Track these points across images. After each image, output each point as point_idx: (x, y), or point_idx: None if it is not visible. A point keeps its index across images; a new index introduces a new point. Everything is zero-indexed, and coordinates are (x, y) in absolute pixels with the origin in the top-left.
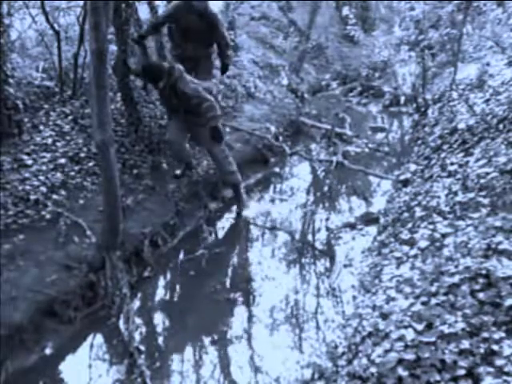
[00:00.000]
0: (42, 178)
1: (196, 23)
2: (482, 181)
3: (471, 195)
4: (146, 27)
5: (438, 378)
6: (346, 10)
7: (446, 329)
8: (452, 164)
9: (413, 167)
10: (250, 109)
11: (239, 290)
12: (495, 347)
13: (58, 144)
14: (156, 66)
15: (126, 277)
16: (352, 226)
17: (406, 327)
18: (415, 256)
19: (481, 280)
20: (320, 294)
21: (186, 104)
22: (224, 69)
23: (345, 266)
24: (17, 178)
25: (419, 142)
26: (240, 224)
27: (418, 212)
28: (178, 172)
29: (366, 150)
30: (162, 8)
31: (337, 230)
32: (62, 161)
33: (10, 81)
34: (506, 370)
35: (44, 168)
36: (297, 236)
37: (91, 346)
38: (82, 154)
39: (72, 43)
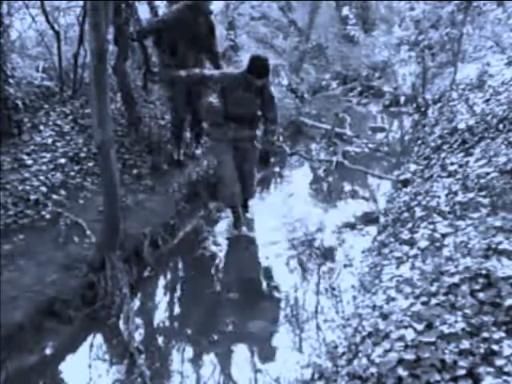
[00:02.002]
0: (42, 177)
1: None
2: (482, 181)
3: (471, 195)
4: (145, 26)
5: (437, 377)
6: (345, 10)
7: (445, 329)
8: (452, 164)
9: (413, 167)
10: None
11: (239, 290)
12: (495, 347)
13: (58, 144)
14: (267, 60)
15: (125, 277)
16: (352, 226)
17: (405, 327)
18: (415, 256)
19: (481, 280)
20: (320, 294)
21: (256, 111)
22: None
23: (345, 266)
24: (17, 177)
25: (419, 141)
26: (240, 225)
27: (418, 212)
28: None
29: (366, 150)
30: (161, 8)
31: (337, 230)
32: (62, 161)
33: (10, 81)
34: (506, 369)
35: (44, 168)
36: (297, 236)
37: (91, 345)
38: (82, 154)
39: (72, 43)
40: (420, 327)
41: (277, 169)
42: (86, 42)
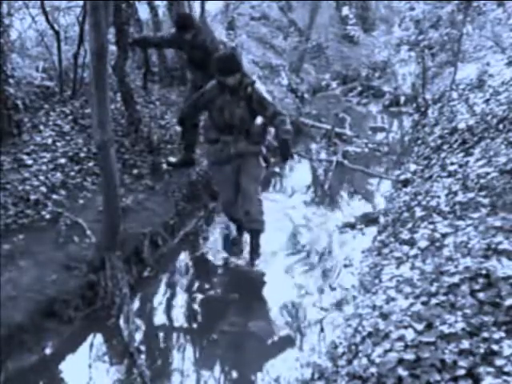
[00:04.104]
0: (42, 177)
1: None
2: (482, 181)
3: (471, 195)
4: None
5: (437, 377)
6: (345, 10)
7: (446, 329)
8: (452, 164)
9: (413, 167)
10: None
11: (239, 290)
12: (495, 347)
13: (58, 144)
14: (234, 55)
15: (125, 277)
16: (352, 226)
17: (405, 327)
18: (415, 256)
19: (481, 280)
20: (320, 294)
21: (253, 118)
22: None
23: (345, 266)
24: (17, 177)
25: (419, 141)
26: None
27: (418, 212)
28: (171, 159)
29: (366, 150)
30: (161, 8)
31: (337, 230)
32: (62, 161)
33: (10, 81)
34: (505, 370)
35: (44, 168)
36: (297, 236)
37: (91, 345)
38: (82, 154)
39: (72, 43)
40: (420, 327)
41: (277, 169)
42: (86, 42)
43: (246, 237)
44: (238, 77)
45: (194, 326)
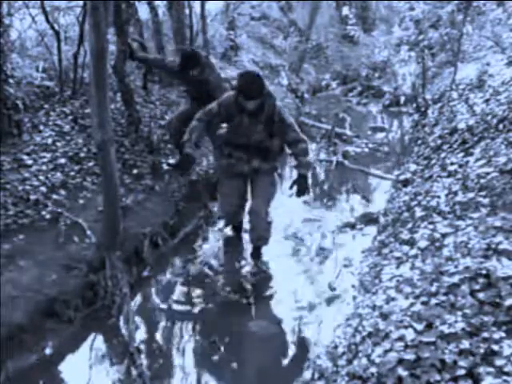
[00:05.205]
0: (42, 177)
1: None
2: (482, 181)
3: (471, 195)
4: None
5: (437, 377)
6: (345, 10)
7: (446, 329)
8: (452, 164)
9: (413, 167)
10: None
11: (239, 290)
12: (495, 347)
13: (58, 144)
14: (260, 78)
15: (125, 277)
16: (352, 226)
17: (406, 327)
18: (415, 256)
19: (481, 280)
20: (320, 294)
21: (272, 138)
22: None
23: (345, 266)
24: (17, 178)
25: (419, 141)
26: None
27: (418, 212)
28: (171, 161)
29: (366, 150)
30: (161, 8)
31: (337, 230)
32: (62, 161)
33: (10, 81)
34: (506, 370)
35: (44, 168)
36: (297, 236)
37: (91, 345)
38: (82, 154)
39: (72, 43)
40: (420, 327)
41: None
42: (86, 42)
43: (246, 237)
44: (258, 101)
45: (194, 325)
